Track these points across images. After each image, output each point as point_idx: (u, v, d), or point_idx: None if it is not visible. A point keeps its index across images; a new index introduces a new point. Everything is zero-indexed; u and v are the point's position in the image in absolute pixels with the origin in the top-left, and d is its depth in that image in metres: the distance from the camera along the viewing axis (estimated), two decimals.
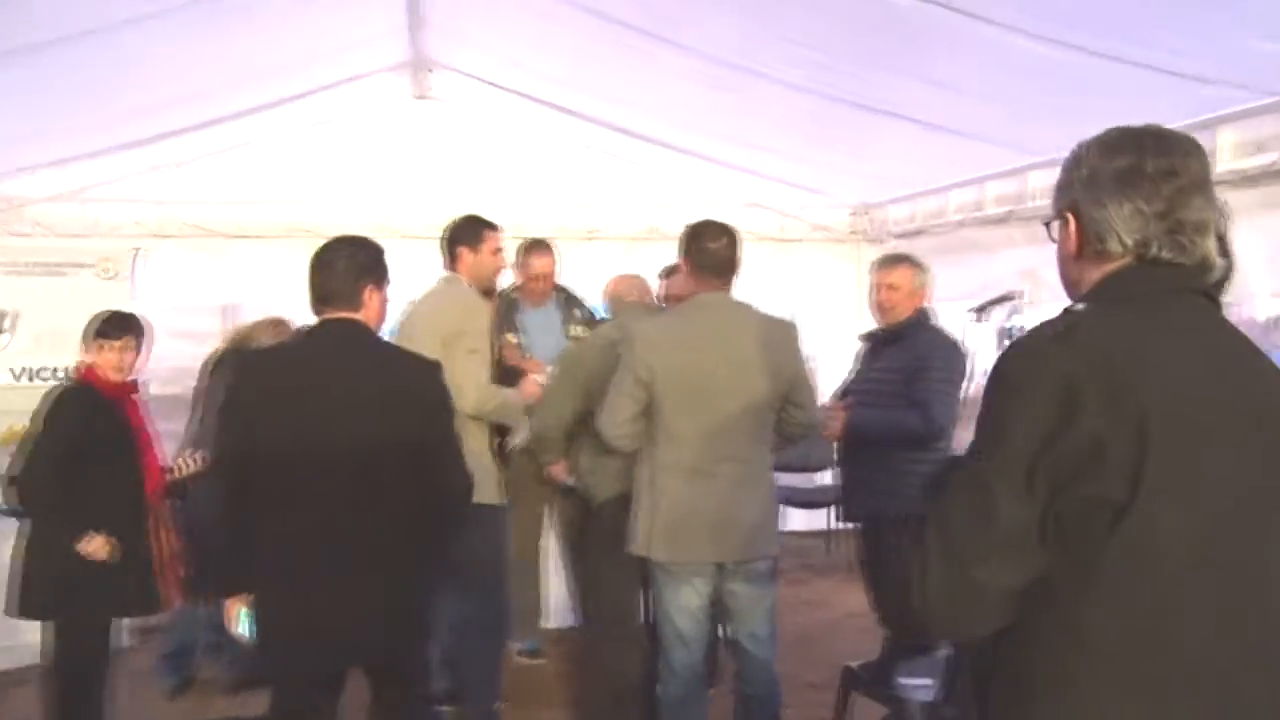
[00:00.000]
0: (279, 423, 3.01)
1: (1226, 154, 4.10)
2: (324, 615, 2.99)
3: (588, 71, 6.06)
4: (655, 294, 4.72)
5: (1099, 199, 1.59)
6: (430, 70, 6.77)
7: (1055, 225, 1.69)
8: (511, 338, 5.11)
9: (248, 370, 3.37)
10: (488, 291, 4.55)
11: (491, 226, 4.42)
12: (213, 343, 5.17)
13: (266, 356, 3.62)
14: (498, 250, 4.46)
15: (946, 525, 1.54)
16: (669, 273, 5.08)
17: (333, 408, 3.01)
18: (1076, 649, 1.48)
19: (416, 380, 3.13)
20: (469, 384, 4.02)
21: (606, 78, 6.08)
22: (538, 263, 5.17)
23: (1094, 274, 1.62)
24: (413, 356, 3.28)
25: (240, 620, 3.08)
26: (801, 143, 6.26)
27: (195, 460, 4.29)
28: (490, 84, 6.74)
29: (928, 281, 4.45)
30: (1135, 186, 1.57)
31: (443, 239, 4.39)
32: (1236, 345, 1.60)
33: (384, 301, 3.15)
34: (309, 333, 3.21)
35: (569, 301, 5.41)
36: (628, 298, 4.51)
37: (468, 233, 4.37)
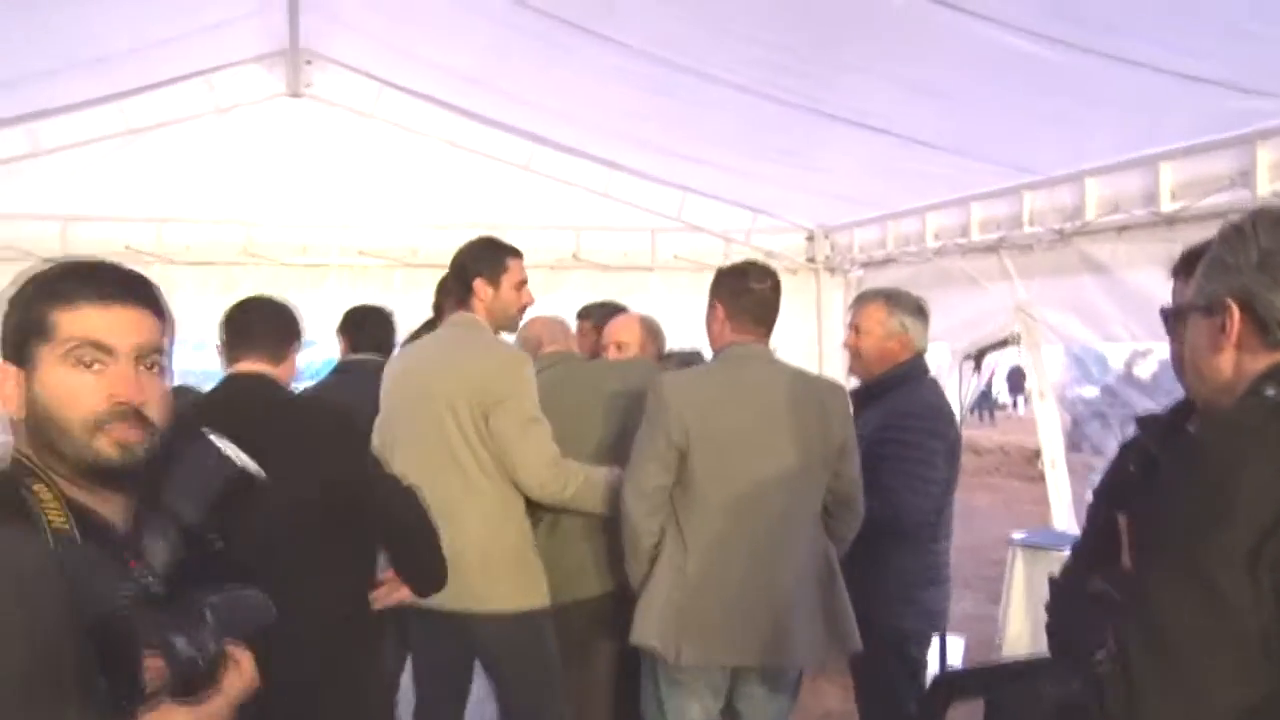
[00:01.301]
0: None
1: (1265, 176, 4.11)
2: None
3: (500, 69, 6.02)
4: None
5: (1278, 281, 1.66)
6: (308, 62, 6.72)
7: (1195, 315, 1.76)
8: None
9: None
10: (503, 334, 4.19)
11: (515, 253, 4.09)
12: None
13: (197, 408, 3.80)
14: (522, 283, 4.11)
15: (1161, 635, 1.51)
16: (589, 314, 4.98)
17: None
18: None
19: (330, 429, 3.31)
20: (536, 462, 3.76)
21: (522, 77, 6.05)
22: None
23: (1257, 364, 1.68)
24: (321, 406, 3.51)
25: None
26: (750, 156, 6.30)
27: None
28: (380, 80, 6.74)
29: (912, 324, 4.23)
30: None
31: (452, 268, 4.11)
32: None
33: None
34: (217, 387, 3.41)
35: None
36: (550, 345, 4.42)
37: (486, 261, 4.03)
